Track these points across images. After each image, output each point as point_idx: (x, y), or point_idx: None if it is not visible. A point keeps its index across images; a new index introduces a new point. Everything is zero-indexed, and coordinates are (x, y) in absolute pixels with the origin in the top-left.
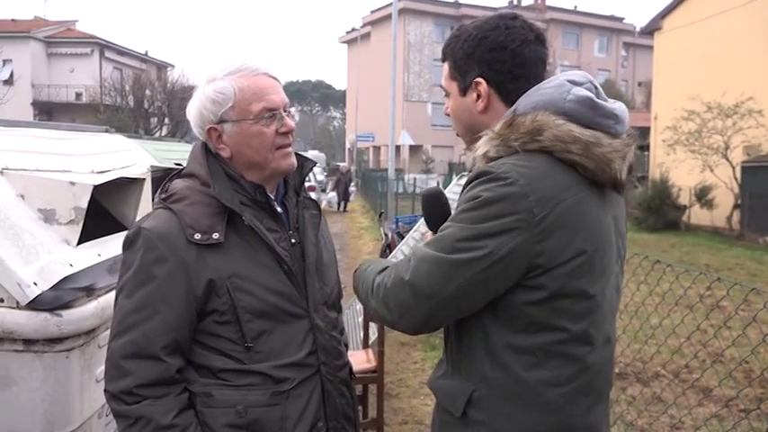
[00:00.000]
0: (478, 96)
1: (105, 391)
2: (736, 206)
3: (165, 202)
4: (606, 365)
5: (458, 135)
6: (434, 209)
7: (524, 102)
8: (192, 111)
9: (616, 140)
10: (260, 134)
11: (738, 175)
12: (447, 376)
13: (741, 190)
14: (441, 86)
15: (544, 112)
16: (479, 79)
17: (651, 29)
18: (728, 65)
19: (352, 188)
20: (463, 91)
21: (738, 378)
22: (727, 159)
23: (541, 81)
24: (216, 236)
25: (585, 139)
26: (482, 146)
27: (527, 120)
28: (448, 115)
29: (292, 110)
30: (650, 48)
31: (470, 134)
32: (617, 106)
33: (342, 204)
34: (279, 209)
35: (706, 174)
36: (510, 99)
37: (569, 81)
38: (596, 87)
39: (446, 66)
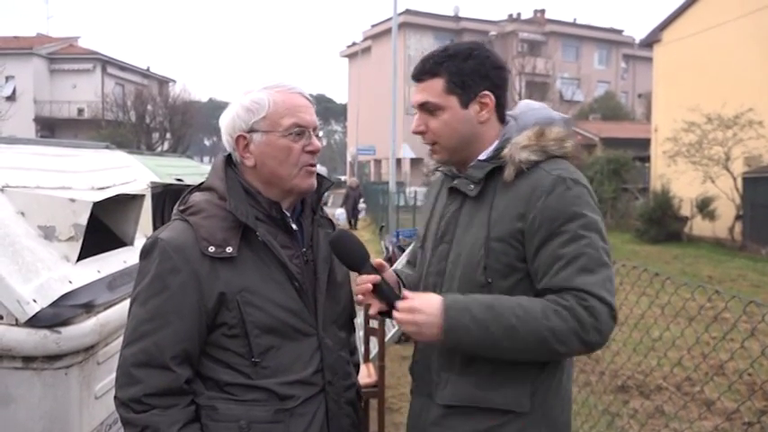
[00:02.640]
0: (482, 108)
1: (115, 397)
2: (737, 217)
3: (183, 214)
4: None
5: (435, 150)
6: (347, 250)
7: (529, 118)
8: (226, 119)
9: None
10: (287, 148)
11: (740, 185)
12: (490, 382)
13: (743, 201)
14: (422, 104)
15: (558, 125)
16: (487, 92)
17: (650, 41)
18: (728, 76)
19: (361, 204)
20: (465, 104)
21: (741, 390)
22: (728, 170)
23: None
24: (229, 249)
25: (579, 147)
26: (517, 152)
27: (553, 131)
28: (420, 133)
29: (320, 133)
30: (650, 60)
31: (464, 145)
32: None
33: (351, 221)
34: (294, 226)
35: (707, 185)
36: (499, 111)
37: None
38: None
39: (436, 82)
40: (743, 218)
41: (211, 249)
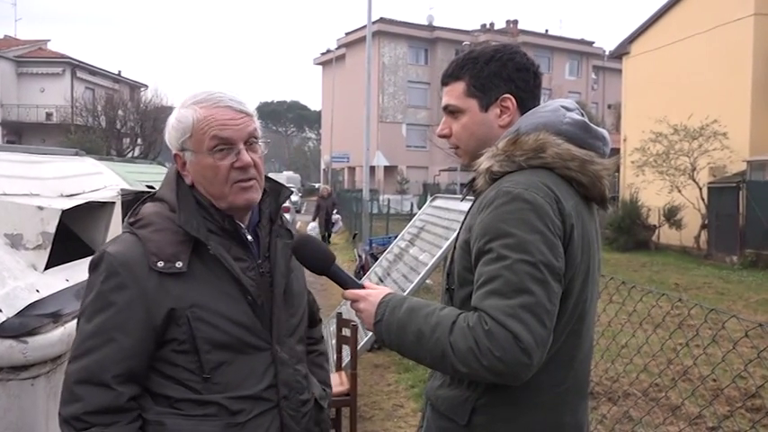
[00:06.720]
0: (502, 111)
1: (59, 414)
2: (703, 226)
3: (132, 227)
4: (588, 364)
5: (458, 153)
6: (311, 255)
7: (525, 123)
8: (166, 135)
9: (605, 159)
10: (213, 167)
11: (705, 195)
12: (446, 386)
13: (708, 210)
14: (445, 107)
15: (545, 133)
16: (508, 95)
17: (619, 53)
18: (694, 89)
19: (336, 215)
20: (485, 107)
21: (705, 396)
22: (694, 180)
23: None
24: (179, 265)
25: (582, 157)
26: (485, 161)
27: (530, 138)
28: (445, 137)
29: (260, 141)
30: (619, 71)
31: (482, 149)
32: (604, 130)
33: (326, 236)
34: (249, 237)
35: (674, 194)
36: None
37: (562, 106)
38: (583, 113)
39: (458, 85)
40: (708, 227)
41: (160, 264)
